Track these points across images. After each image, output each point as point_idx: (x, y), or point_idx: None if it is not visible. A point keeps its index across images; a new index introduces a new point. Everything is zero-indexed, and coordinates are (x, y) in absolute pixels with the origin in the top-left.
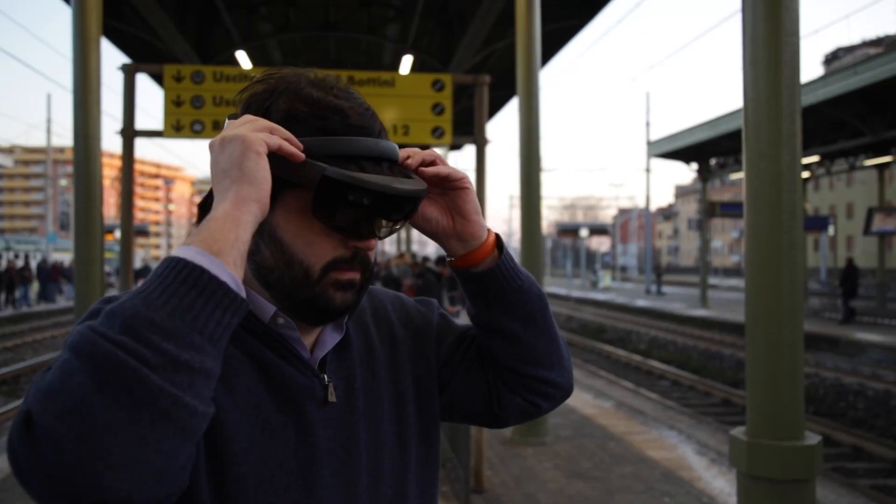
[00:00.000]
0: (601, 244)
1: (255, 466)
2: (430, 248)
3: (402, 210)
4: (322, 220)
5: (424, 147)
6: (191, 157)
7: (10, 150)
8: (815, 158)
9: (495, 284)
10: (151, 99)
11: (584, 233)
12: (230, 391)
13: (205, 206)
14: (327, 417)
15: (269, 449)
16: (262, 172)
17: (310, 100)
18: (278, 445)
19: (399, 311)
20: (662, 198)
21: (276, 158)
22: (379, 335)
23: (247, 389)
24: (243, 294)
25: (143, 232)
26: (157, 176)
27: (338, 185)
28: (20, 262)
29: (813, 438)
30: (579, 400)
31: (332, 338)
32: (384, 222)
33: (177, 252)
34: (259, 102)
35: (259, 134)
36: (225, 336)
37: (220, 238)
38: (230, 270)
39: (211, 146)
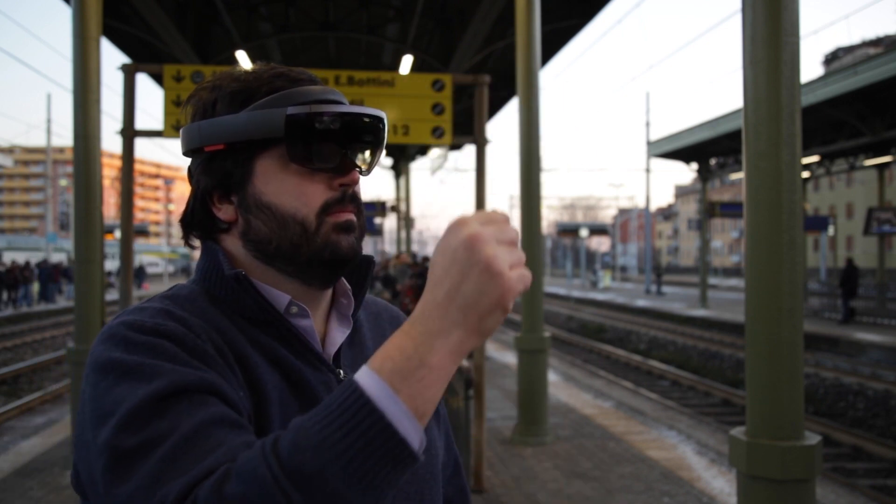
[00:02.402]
0: (601, 244)
1: None
2: (430, 248)
3: (373, 130)
4: (301, 162)
5: (424, 147)
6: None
7: (10, 150)
8: (814, 158)
9: None
10: (151, 99)
11: (583, 233)
12: (263, 399)
13: (190, 183)
14: None
15: None
16: (494, 330)
17: (254, 73)
18: None
19: (392, 322)
20: (662, 198)
21: (247, 119)
22: (382, 338)
23: (278, 396)
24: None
25: (143, 232)
26: (157, 176)
27: (303, 119)
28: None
29: (813, 438)
30: (579, 400)
31: (340, 332)
32: (361, 154)
33: (387, 405)
34: (205, 103)
35: (519, 286)
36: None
37: (431, 399)
38: (422, 435)
39: (468, 247)
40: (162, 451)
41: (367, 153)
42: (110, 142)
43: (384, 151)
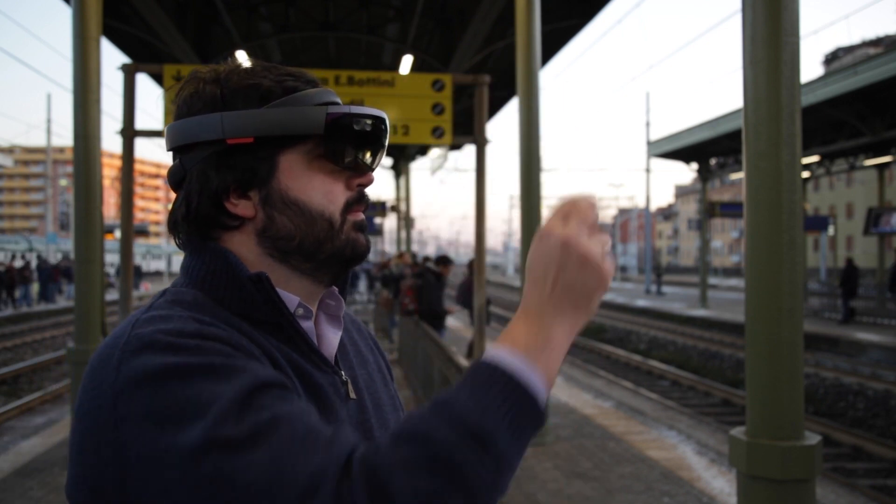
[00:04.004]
0: None
1: None
2: (429, 249)
3: (387, 132)
4: (334, 159)
5: (424, 147)
6: None
7: (10, 150)
8: (815, 158)
9: None
10: (151, 99)
11: None
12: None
13: (176, 180)
14: (350, 415)
15: None
16: (597, 308)
17: (262, 70)
18: None
19: (354, 325)
20: (662, 198)
21: (280, 115)
22: (360, 338)
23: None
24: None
25: (143, 232)
26: (157, 176)
27: (345, 119)
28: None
29: (813, 438)
30: (579, 400)
31: (333, 333)
32: (372, 153)
33: (531, 378)
34: (211, 96)
35: (612, 268)
36: None
37: (554, 372)
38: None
39: (563, 248)
40: (284, 431)
41: (371, 155)
42: (110, 142)
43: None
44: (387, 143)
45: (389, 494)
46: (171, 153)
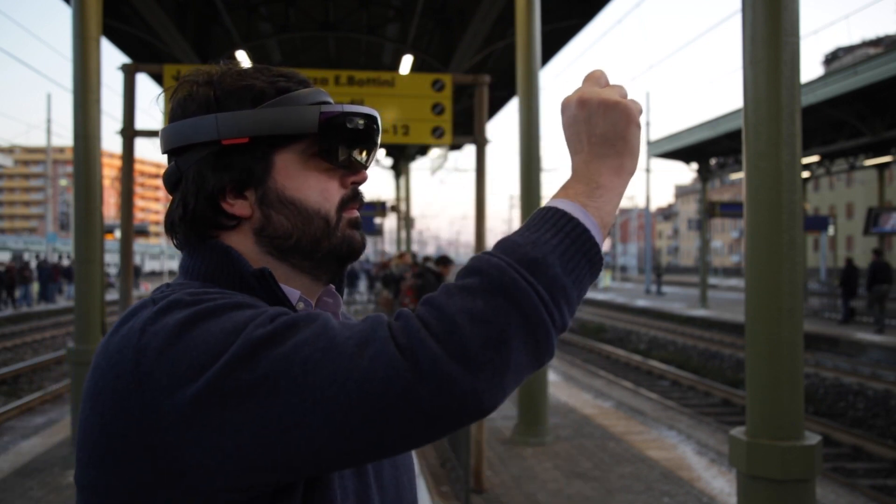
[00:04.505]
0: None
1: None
2: (430, 249)
3: (379, 130)
4: (328, 158)
5: (424, 147)
6: None
7: (10, 150)
8: (815, 158)
9: None
10: (151, 99)
11: None
12: None
13: (172, 183)
14: None
15: None
16: (639, 144)
17: (255, 72)
18: None
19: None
20: (662, 198)
21: (274, 115)
22: None
23: None
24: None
25: (143, 232)
26: (157, 176)
27: (339, 118)
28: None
29: (813, 438)
30: (579, 400)
31: None
32: (366, 151)
33: (581, 216)
34: (205, 97)
35: (637, 106)
36: None
37: (610, 213)
38: (603, 245)
39: (581, 104)
40: (322, 318)
41: (365, 153)
42: (110, 142)
43: (380, 151)
44: (380, 141)
45: (442, 319)
46: (166, 156)
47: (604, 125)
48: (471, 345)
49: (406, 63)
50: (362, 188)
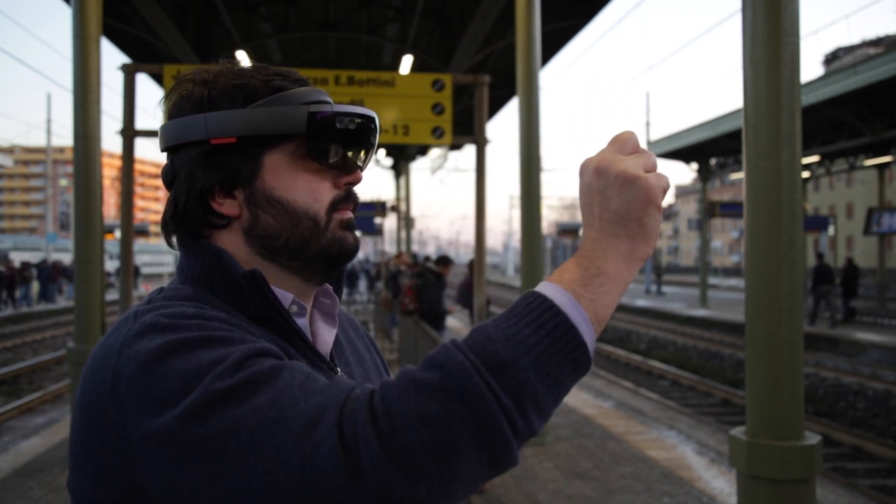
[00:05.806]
0: None
1: None
2: (429, 249)
3: (376, 130)
4: (318, 158)
5: (424, 147)
6: None
7: (10, 150)
8: (815, 158)
9: None
10: (151, 99)
11: None
12: None
13: (168, 180)
14: None
15: None
16: (657, 229)
17: (250, 71)
18: None
19: (350, 323)
20: None
21: (263, 115)
22: (356, 336)
23: None
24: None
25: (143, 232)
26: (157, 176)
27: (327, 117)
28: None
29: (813, 438)
30: (579, 400)
31: (328, 330)
32: (363, 152)
33: (570, 309)
34: (199, 97)
35: (661, 183)
36: None
37: (608, 305)
38: (594, 345)
39: (598, 173)
40: (283, 378)
41: (363, 153)
42: (110, 142)
43: (380, 151)
44: (376, 142)
45: (391, 416)
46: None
47: (618, 201)
48: (415, 450)
49: (406, 63)
50: (357, 189)
